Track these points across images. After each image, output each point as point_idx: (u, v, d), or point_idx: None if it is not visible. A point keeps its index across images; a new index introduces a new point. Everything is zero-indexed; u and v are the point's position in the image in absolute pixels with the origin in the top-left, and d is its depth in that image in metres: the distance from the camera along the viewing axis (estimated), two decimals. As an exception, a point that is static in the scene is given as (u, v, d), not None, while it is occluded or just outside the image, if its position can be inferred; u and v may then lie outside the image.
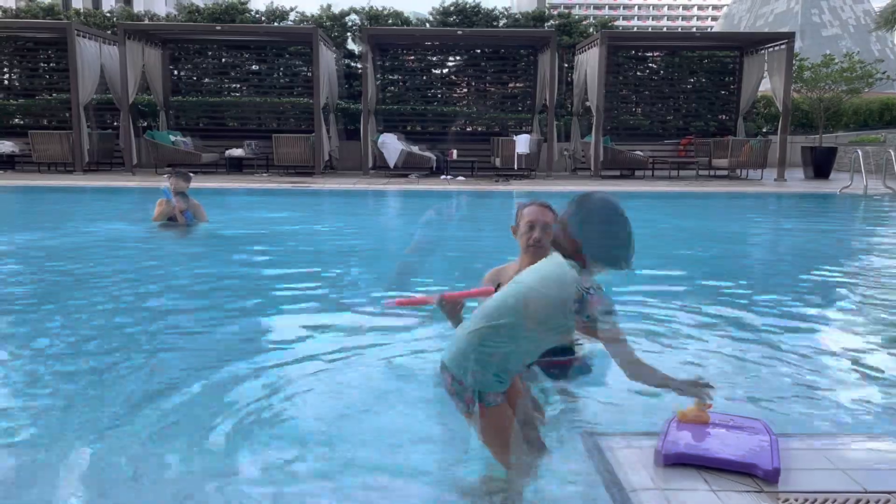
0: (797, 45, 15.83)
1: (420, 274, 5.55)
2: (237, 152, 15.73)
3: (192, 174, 8.34)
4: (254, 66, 18.38)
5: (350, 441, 2.72)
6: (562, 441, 2.71)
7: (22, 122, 17.71)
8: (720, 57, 18.17)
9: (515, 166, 14.88)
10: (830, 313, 4.92)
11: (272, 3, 18.70)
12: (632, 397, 3.19)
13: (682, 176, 16.22)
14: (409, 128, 17.37)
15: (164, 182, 8.14)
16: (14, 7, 21.67)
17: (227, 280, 5.82)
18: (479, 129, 18.10)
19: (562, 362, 3.54)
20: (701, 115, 18.35)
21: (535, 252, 3.61)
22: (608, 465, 2.40)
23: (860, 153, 13.33)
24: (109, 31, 16.50)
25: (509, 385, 2.40)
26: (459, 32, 16.70)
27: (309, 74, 16.96)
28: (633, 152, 15.91)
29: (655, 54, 18.60)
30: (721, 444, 2.42)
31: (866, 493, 2.22)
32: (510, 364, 2.36)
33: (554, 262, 2.40)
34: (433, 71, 18.46)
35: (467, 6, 18.49)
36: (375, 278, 5.95)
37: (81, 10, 20.18)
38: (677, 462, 2.36)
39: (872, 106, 22.08)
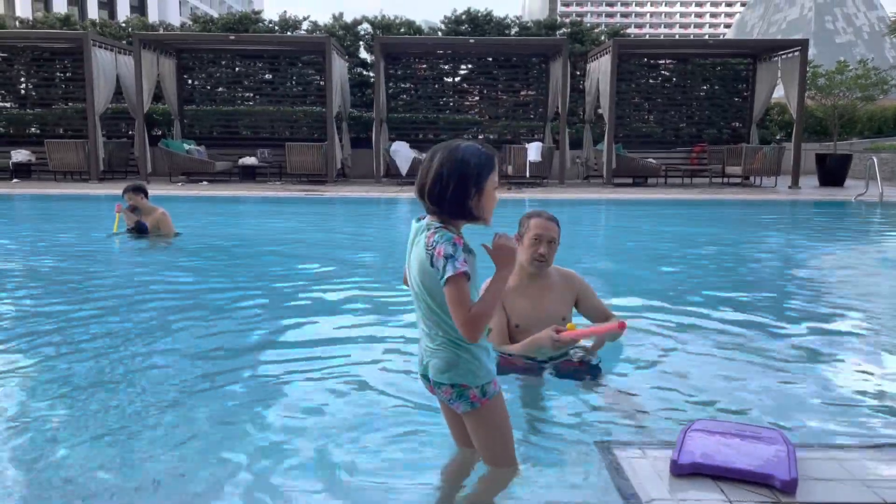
0: (810, 52, 15.76)
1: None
2: (250, 161, 15.84)
3: (141, 184, 7.80)
4: (267, 76, 18.51)
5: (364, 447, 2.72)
6: (576, 450, 2.68)
7: (38, 132, 17.93)
8: (733, 64, 18.10)
9: (527, 174, 14.88)
10: (848, 322, 4.86)
11: (285, 12, 18.89)
12: (647, 406, 3.17)
13: (695, 183, 16.15)
14: (420, 136, 17.40)
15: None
16: (31, 18, 21.95)
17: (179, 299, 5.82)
18: (491, 136, 18.13)
19: (573, 364, 3.51)
20: (714, 122, 18.28)
21: (539, 268, 3.50)
22: (623, 474, 2.38)
23: (876, 160, 13.22)
24: (124, 41, 16.69)
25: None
26: (471, 41, 16.75)
27: (321, 83, 17.06)
28: (646, 160, 15.87)
29: (667, 62, 18.58)
30: (738, 453, 2.40)
31: (886, 504, 2.19)
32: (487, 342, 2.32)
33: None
34: (444, 79, 18.52)
35: (479, 15, 18.56)
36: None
37: (97, 21, 20.45)
38: (693, 472, 2.34)
39: (887, 113, 21.89)
